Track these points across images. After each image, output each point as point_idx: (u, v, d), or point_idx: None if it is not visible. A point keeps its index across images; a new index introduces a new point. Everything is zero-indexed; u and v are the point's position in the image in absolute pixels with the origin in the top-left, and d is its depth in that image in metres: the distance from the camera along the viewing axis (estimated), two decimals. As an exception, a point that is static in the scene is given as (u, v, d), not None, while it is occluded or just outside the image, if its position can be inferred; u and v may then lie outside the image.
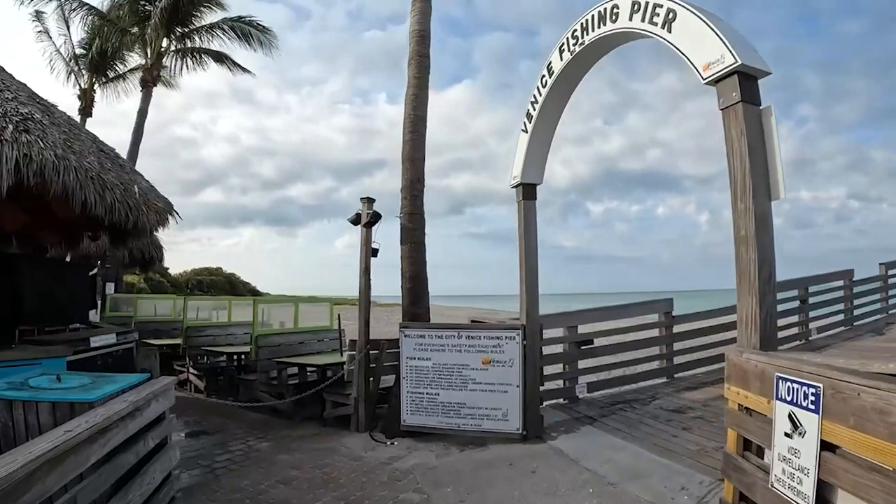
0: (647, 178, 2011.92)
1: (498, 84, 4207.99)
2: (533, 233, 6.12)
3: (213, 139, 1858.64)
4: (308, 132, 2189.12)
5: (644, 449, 5.56)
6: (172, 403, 4.54)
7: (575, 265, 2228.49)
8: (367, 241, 6.73)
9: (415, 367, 6.16)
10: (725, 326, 9.17)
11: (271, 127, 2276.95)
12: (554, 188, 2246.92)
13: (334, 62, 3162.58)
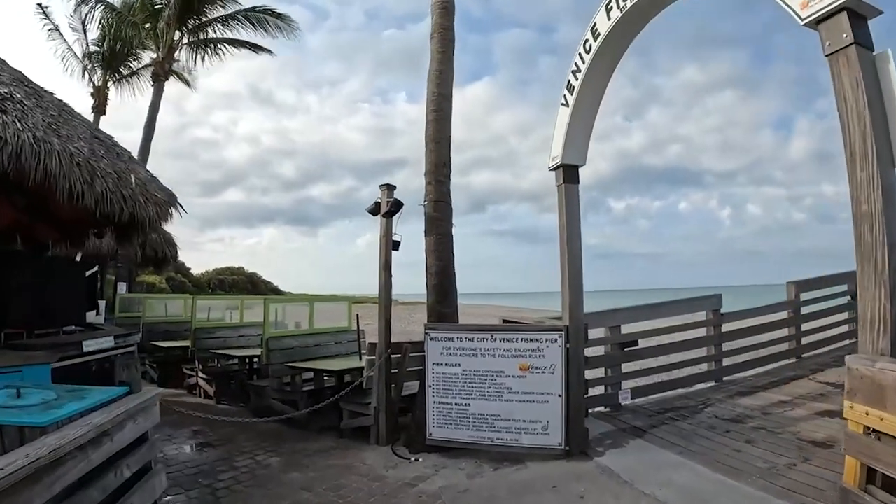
0: (669, 174, 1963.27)
1: (518, 81, 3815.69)
2: (576, 221, 5.31)
3: (233, 140, 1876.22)
4: (328, 132, 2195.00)
5: (706, 467, 4.75)
6: (157, 422, 3.83)
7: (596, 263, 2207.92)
8: (386, 233, 5.96)
9: (442, 373, 5.38)
10: (775, 325, 8.33)
11: (291, 127, 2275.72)
12: None
13: (353, 62, 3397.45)
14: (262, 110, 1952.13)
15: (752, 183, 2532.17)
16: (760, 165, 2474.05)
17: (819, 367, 7.86)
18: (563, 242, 5.26)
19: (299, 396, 6.99)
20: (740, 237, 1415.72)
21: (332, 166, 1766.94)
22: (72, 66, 18.27)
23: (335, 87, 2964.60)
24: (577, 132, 5.30)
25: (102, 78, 18.56)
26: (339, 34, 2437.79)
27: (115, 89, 18.95)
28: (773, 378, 7.56)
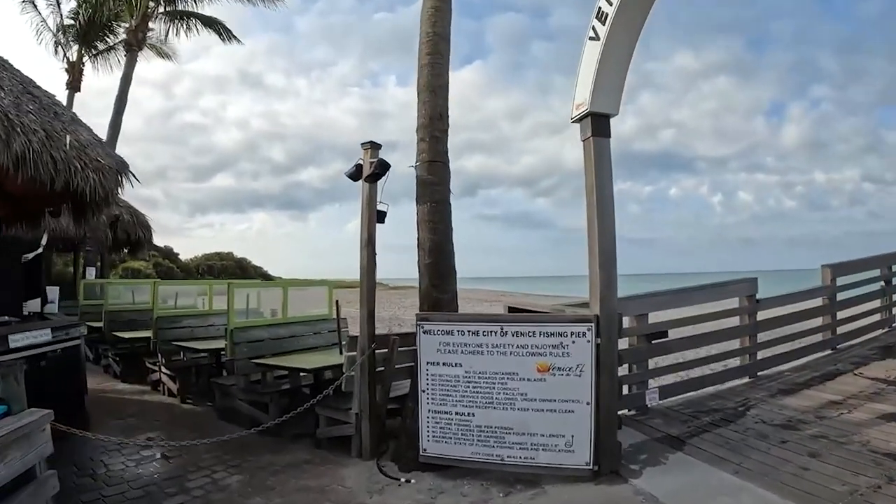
0: (661, 159, 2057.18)
1: (510, 65, 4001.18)
2: (608, 184, 4.17)
3: (223, 125, 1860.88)
4: (318, 115, 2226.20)
5: (771, 492, 3.69)
6: (46, 453, 2.66)
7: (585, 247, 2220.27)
8: (369, 201, 4.78)
9: (438, 375, 4.24)
10: (813, 313, 7.27)
11: (281, 111, 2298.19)
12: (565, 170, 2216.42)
13: (343, 45, 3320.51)
14: (252, 94, 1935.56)
15: (743, 169, 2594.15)
16: (753, 152, 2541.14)
17: (861, 361, 6.83)
18: (592, 211, 4.12)
19: (270, 398, 5.82)
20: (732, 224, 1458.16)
21: (323, 150, 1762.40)
22: (46, 41, 16.88)
23: (325, 71, 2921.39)
24: (610, 72, 4.14)
25: (77, 53, 17.14)
26: (328, 17, 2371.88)
27: (91, 65, 17.56)
28: (814, 373, 6.52)
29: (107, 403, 7.33)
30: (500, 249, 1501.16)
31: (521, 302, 5.91)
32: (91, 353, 10.50)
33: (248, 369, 6.04)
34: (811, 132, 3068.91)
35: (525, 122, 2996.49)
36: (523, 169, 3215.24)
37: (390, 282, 56.53)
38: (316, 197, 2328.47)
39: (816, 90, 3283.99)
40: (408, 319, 19.65)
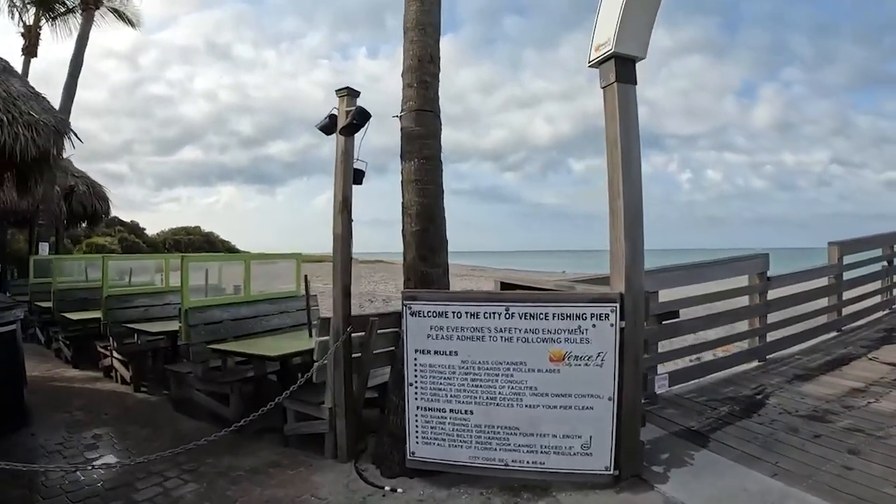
0: None
1: (482, 39, 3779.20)
2: (633, 136, 3.42)
3: (190, 97, 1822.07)
4: (287, 88, 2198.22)
5: (819, 497, 3.11)
6: None
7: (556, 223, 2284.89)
8: (345, 157, 3.95)
9: (429, 366, 3.48)
10: (822, 292, 6.74)
11: (249, 83, 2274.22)
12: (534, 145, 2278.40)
13: (312, 16, 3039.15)
14: (220, 65, 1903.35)
15: (713, 148, 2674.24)
16: (723, 131, 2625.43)
17: (871, 344, 6.35)
18: (616, 171, 3.37)
19: (231, 388, 4.99)
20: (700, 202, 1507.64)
21: (291, 123, 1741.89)
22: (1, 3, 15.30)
23: (294, 43, 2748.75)
24: (639, 8, 3.36)
25: (35, 16, 15.63)
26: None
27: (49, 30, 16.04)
28: (826, 356, 6.00)
29: (53, 394, 6.42)
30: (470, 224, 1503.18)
31: (513, 278, 5.14)
32: (42, 336, 9.50)
33: (205, 355, 5.18)
34: (781, 113, 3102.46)
35: (495, 96, 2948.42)
36: (492, 143, 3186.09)
37: (360, 255, 55.31)
38: (285, 170, 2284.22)
39: (788, 72, 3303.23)
40: (381, 294, 18.68)
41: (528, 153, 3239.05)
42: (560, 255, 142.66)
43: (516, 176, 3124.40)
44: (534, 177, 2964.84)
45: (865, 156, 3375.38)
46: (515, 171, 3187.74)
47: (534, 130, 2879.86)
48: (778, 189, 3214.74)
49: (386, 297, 17.50)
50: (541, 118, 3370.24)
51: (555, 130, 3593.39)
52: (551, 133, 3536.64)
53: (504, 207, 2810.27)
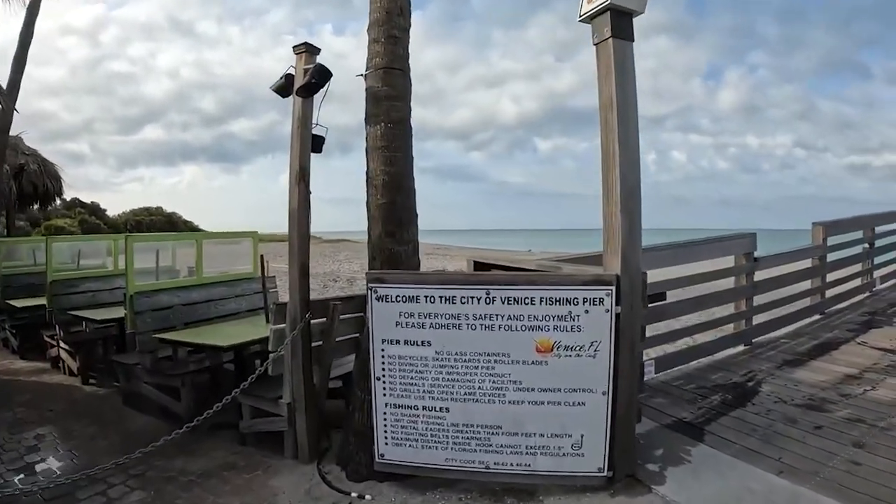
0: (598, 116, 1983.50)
1: (448, 16, 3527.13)
2: (631, 98, 2.98)
3: (152, 74, 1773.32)
4: (251, 65, 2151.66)
5: (835, 499, 2.79)
6: None
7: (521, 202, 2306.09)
8: (303, 121, 3.44)
9: (399, 358, 3.01)
10: (807, 274, 6.48)
11: (213, 60, 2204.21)
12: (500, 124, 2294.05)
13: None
14: (183, 42, 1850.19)
15: (679, 129, 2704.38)
16: (689, 113, 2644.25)
17: (856, 328, 6.11)
18: (611, 136, 2.93)
19: (181, 381, 4.46)
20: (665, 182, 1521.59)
21: (255, 101, 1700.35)
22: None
23: (258, 19, 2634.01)
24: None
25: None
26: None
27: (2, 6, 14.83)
28: (813, 340, 5.74)
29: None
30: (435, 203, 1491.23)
31: (488, 257, 4.68)
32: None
33: (153, 345, 4.64)
34: (747, 97, 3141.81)
35: (461, 74, 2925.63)
36: (458, 122, 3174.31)
37: (324, 234, 53.94)
38: (249, 149, 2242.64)
39: (755, 56, 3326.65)
40: (346, 274, 17.99)
41: (495, 132, 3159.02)
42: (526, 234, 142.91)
43: (482, 155, 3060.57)
44: (500, 156, 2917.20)
45: (828, 140, 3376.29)
46: (481, 150, 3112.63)
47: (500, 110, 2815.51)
48: (742, 171, 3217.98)
49: (350, 278, 16.92)
50: (507, 97, 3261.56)
51: (521, 110, 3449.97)
52: (518, 112, 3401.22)
53: (470, 186, 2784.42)
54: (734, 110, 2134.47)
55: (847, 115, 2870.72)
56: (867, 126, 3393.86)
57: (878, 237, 7.80)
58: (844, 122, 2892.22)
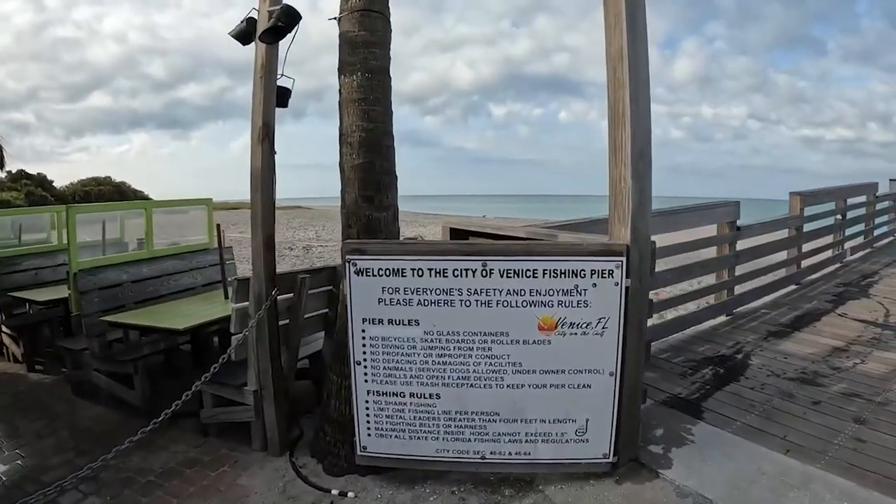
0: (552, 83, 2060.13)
1: None
2: (642, 49, 2.62)
3: (98, 38, 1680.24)
4: (201, 28, 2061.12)
5: (847, 479, 2.63)
6: None
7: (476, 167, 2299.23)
8: (267, 71, 2.96)
9: (382, 339, 2.63)
10: (784, 244, 6.36)
11: (161, 23, 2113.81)
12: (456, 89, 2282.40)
13: None
14: (130, 5, 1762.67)
15: None
16: None
17: (834, 299, 6.06)
18: (621, 91, 2.57)
19: (134, 367, 3.98)
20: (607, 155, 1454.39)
21: (206, 65, 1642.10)
22: None
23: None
24: None
25: None
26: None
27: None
28: (793, 311, 5.63)
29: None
30: None
31: (465, 223, 4.28)
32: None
33: (101, 328, 4.13)
34: (703, 67, 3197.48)
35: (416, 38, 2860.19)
36: (412, 86, 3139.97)
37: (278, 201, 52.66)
38: (199, 114, 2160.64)
39: (712, 27, 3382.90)
40: (301, 241, 17.29)
41: (450, 97, 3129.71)
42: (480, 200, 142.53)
43: (437, 120, 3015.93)
44: (454, 121, 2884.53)
45: (782, 113, 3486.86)
46: (436, 115, 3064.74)
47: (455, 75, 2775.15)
48: (695, 140, 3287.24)
49: (306, 246, 16.30)
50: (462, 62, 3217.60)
51: (476, 75, 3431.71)
52: (473, 77, 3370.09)
53: (423, 151, 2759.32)
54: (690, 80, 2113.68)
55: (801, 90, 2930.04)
56: (820, 100, 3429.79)
57: (849, 209, 7.80)
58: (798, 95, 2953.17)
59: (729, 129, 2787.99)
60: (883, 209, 9.30)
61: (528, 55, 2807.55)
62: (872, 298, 5.99)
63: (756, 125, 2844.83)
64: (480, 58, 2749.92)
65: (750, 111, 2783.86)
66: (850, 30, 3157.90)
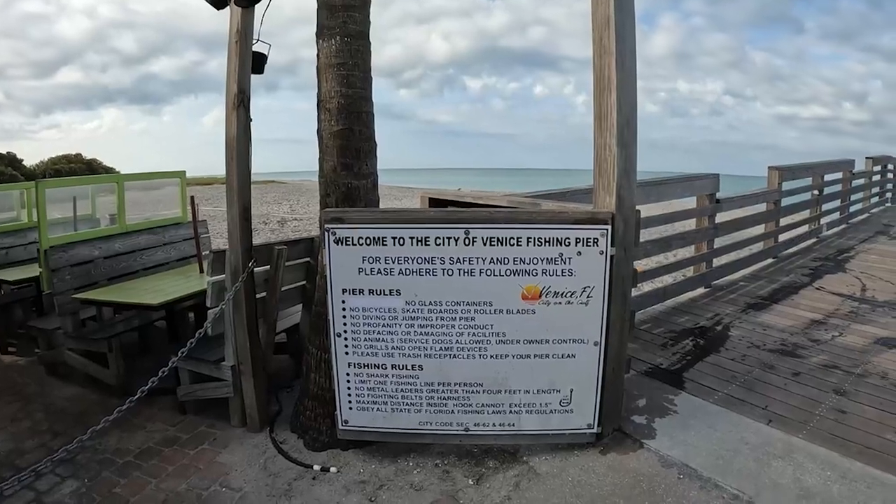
0: (528, 57, 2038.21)
1: None
2: (629, 14, 2.51)
3: (67, 12, 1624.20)
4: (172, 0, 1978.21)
5: (830, 449, 2.64)
6: None
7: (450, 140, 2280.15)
8: (242, 35, 2.80)
9: (363, 310, 2.54)
10: (763, 217, 6.39)
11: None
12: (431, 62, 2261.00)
13: None
14: None
15: None
16: None
17: (811, 272, 6.11)
18: (607, 58, 2.48)
19: (108, 346, 3.83)
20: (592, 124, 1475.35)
21: (177, 39, 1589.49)
22: None
23: None
24: None
25: None
26: None
27: None
28: (771, 284, 5.66)
29: None
30: None
31: (445, 193, 4.14)
32: None
33: (74, 306, 3.97)
34: (680, 43, 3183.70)
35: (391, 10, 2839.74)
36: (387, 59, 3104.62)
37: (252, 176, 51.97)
38: (171, 89, 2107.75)
39: (690, 3, 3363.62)
40: (275, 215, 16.98)
41: (425, 70, 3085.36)
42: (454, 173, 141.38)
43: (411, 93, 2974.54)
44: (430, 94, 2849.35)
45: (757, 90, 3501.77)
46: (410, 89, 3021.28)
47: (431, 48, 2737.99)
48: (670, 115, 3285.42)
49: (281, 219, 16.01)
50: (438, 35, 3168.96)
51: (452, 48, 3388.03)
52: (448, 50, 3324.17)
53: (397, 124, 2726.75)
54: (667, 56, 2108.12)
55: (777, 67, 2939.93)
56: (797, 78, 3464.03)
57: (826, 185, 7.85)
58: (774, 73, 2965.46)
59: (705, 105, 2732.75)
60: (859, 186, 9.42)
61: (504, 28, 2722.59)
62: (849, 273, 6.04)
63: (732, 101, 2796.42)
64: (456, 31, 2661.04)
65: (726, 87, 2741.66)
66: (828, 10, 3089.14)
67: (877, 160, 10.28)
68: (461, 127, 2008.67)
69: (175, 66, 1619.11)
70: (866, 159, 10.02)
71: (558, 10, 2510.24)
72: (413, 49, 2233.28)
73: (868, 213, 9.94)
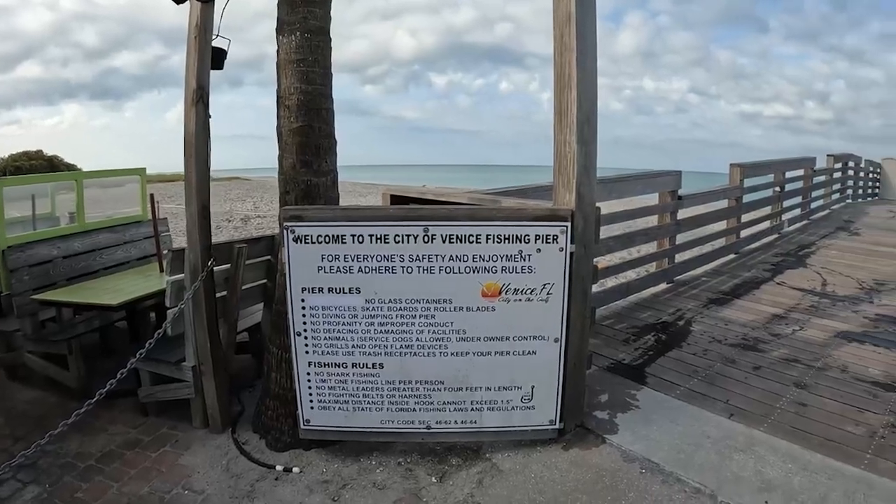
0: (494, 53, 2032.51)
1: None
2: (590, 11, 2.51)
3: (28, 5, 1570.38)
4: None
5: (790, 441, 2.70)
6: None
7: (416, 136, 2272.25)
8: (201, 29, 2.73)
9: (322, 309, 2.50)
10: (724, 213, 6.50)
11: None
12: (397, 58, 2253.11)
13: None
14: None
15: None
16: None
17: (772, 268, 6.24)
18: (569, 55, 2.48)
19: (68, 347, 3.71)
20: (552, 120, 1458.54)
21: (140, 32, 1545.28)
22: None
23: None
24: None
25: None
26: None
27: None
28: (733, 279, 5.76)
29: None
30: None
31: (407, 190, 4.10)
32: None
33: (33, 308, 3.83)
34: (646, 41, 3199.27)
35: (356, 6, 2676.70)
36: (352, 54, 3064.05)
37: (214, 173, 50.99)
38: (133, 84, 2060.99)
39: (656, 2, 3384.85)
40: (239, 213, 16.73)
41: (390, 66, 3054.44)
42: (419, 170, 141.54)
43: (377, 89, 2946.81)
44: (395, 91, 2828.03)
45: (722, 88, 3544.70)
46: (376, 85, 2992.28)
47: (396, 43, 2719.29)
48: (636, 113, 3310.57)
49: (245, 217, 15.77)
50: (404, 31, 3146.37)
51: (418, 44, 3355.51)
52: (414, 46, 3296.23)
53: (363, 120, 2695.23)
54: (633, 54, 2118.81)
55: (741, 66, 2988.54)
56: (760, 77, 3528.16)
57: (787, 182, 8.02)
58: (738, 71, 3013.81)
59: (670, 103, 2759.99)
60: (820, 183, 9.66)
61: (470, 25, 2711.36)
62: (810, 268, 6.19)
63: (696, 99, 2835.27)
64: (422, 27, 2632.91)
65: (691, 85, 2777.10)
66: (793, 10, 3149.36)
67: (838, 158, 10.58)
68: (427, 123, 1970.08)
69: (137, 61, 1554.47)
70: (828, 157, 10.29)
71: (524, 6, 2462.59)
72: (379, 45, 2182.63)
73: (829, 210, 10.21)
